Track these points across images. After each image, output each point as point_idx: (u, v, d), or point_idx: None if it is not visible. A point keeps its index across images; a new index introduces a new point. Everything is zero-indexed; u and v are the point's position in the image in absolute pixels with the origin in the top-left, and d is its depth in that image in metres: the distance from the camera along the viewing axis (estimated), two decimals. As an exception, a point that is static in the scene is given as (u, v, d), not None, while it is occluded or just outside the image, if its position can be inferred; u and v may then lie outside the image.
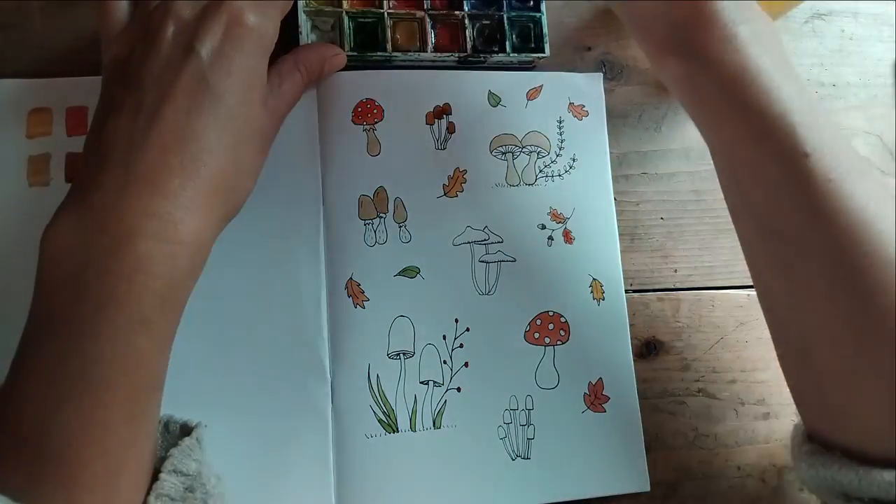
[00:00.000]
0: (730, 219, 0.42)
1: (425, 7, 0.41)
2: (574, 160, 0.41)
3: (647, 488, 0.37)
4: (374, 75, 0.40)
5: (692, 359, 0.41)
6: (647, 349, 0.39)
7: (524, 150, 0.41)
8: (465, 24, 0.41)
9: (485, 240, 0.39)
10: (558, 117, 0.42)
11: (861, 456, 0.28)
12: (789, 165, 0.28)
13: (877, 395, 0.28)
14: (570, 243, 0.40)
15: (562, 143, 0.41)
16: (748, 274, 0.42)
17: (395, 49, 0.40)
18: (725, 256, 0.43)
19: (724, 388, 0.41)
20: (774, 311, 0.33)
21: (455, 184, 0.40)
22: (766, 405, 0.40)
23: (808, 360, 0.31)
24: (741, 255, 0.42)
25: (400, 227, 0.38)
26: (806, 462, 0.31)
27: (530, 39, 0.42)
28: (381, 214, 0.38)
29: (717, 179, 0.33)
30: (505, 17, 0.41)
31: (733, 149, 0.30)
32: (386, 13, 0.40)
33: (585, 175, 0.41)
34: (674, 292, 0.42)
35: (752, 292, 0.42)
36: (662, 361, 0.37)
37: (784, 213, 0.29)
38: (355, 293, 0.37)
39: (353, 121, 0.39)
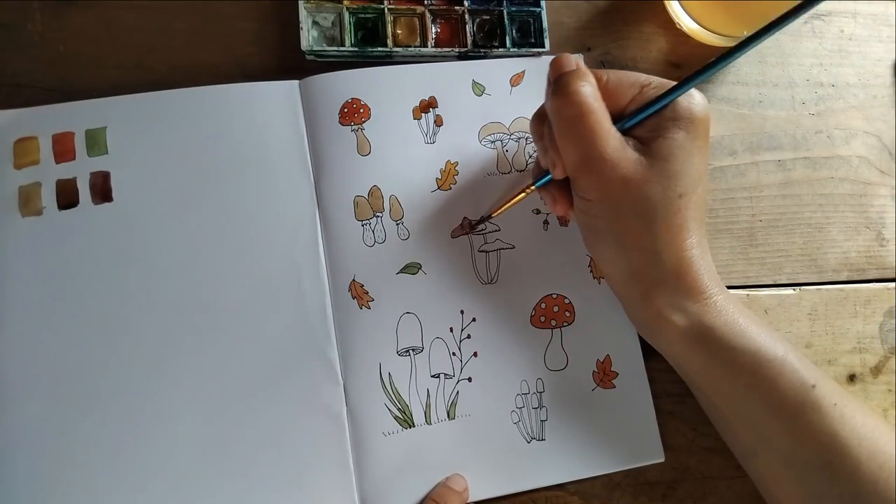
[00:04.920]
0: (729, 218, 0.43)
1: (426, 2, 0.41)
2: (563, 142, 0.41)
3: (662, 458, 0.38)
4: (356, 74, 0.40)
5: (691, 359, 0.41)
6: (647, 349, 0.39)
7: (512, 136, 0.41)
8: (465, 19, 0.41)
9: (482, 229, 0.39)
10: (543, 101, 0.42)
11: None
12: (803, 396, 0.32)
13: None
14: (566, 225, 0.40)
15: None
16: (747, 274, 0.43)
17: (395, 44, 0.40)
18: (725, 256, 0.43)
19: (723, 388, 0.41)
20: None
21: (448, 176, 0.40)
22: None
23: None
24: (740, 255, 0.43)
25: (397, 224, 0.39)
26: None
27: (530, 34, 0.42)
28: (378, 214, 0.39)
29: (722, 432, 0.37)
30: (505, 12, 0.41)
31: (750, 392, 0.33)
32: (386, 9, 0.40)
33: (576, 156, 0.41)
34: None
35: (752, 292, 0.43)
36: (662, 361, 0.37)
37: (806, 440, 0.32)
38: (359, 294, 0.37)
39: (340, 122, 0.39)
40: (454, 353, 0.38)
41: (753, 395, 0.33)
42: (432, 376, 0.37)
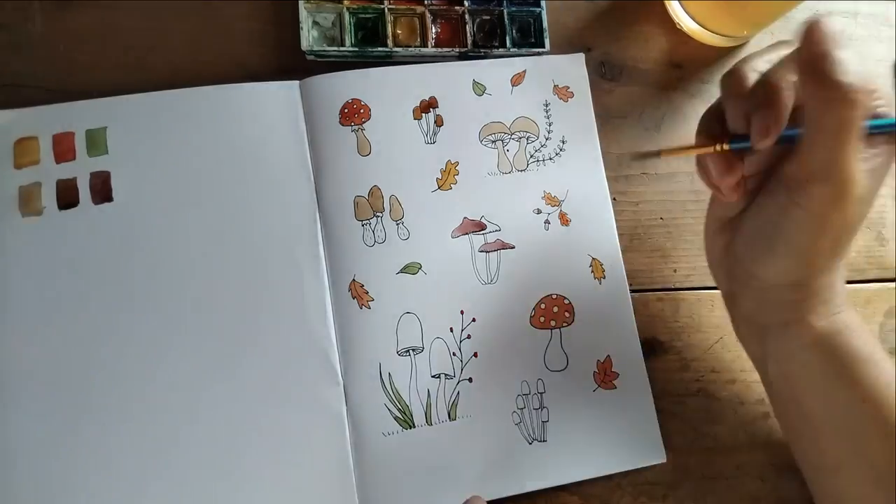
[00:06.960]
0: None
1: (426, 2, 0.41)
2: (563, 142, 0.41)
3: (664, 459, 0.38)
4: (357, 75, 0.40)
5: (692, 359, 0.41)
6: (647, 349, 0.39)
7: (513, 136, 0.41)
8: (465, 19, 0.41)
9: (482, 229, 0.39)
10: (544, 101, 0.42)
11: None
12: None
13: None
14: (567, 225, 0.40)
15: (550, 126, 0.42)
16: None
17: (395, 44, 0.40)
18: (725, 256, 0.43)
19: (723, 387, 0.41)
20: None
21: (448, 176, 0.40)
22: (765, 405, 0.40)
23: None
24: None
25: (397, 224, 0.39)
26: None
27: (530, 34, 0.42)
28: (378, 214, 0.39)
29: (801, 442, 0.35)
30: (505, 12, 0.42)
31: (861, 404, 0.32)
32: (387, 9, 0.40)
33: (576, 156, 0.41)
34: (673, 292, 0.42)
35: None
36: (662, 361, 0.37)
37: None
38: (359, 294, 0.37)
39: (340, 123, 0.39)
40: (454, 354, 0.38)
41: (864, 407, 0.32)
42: (433, 376, 0.37)
